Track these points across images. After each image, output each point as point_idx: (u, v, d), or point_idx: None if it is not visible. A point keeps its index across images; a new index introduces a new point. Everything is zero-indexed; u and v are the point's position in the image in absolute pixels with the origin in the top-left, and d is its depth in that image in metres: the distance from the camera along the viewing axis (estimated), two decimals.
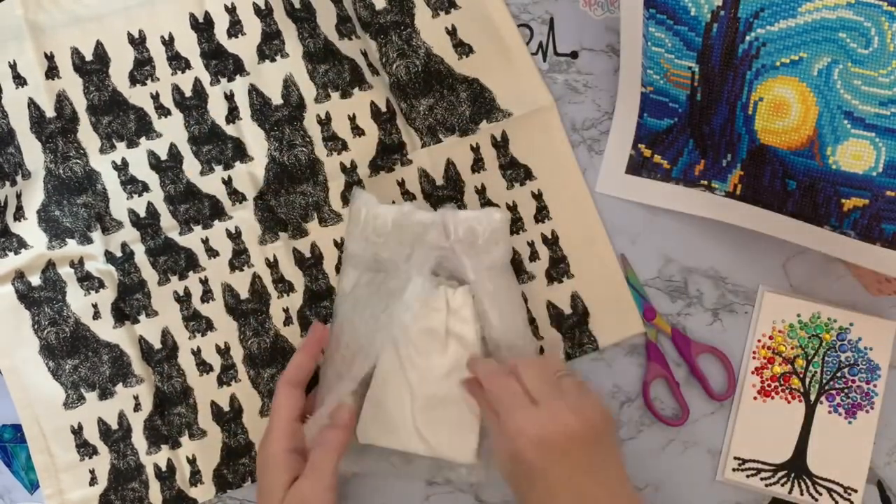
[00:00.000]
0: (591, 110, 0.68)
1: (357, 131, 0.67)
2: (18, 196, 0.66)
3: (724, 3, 0.56)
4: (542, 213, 0.67)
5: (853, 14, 0.53)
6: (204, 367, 0.66)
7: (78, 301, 0.65)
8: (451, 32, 0.68)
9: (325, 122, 0.67)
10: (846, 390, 0.65)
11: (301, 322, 0.66)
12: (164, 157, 0.67)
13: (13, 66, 0.67)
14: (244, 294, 0.66)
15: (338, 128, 0.67)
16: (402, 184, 0.67)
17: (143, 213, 0.66)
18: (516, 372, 0.54)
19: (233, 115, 0.67)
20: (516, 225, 0.67)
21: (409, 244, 0.60)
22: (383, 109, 0.68)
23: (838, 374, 0.66)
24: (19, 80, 0.67)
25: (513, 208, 0.67)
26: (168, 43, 0.68)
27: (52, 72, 0.67)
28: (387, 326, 0.58)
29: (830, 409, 0.65)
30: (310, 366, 0.58)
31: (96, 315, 0.66)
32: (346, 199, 0.67)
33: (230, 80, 0.67)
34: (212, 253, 0.66)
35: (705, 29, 0.58)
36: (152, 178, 0.67)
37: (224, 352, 0.66)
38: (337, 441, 0.54)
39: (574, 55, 0.69)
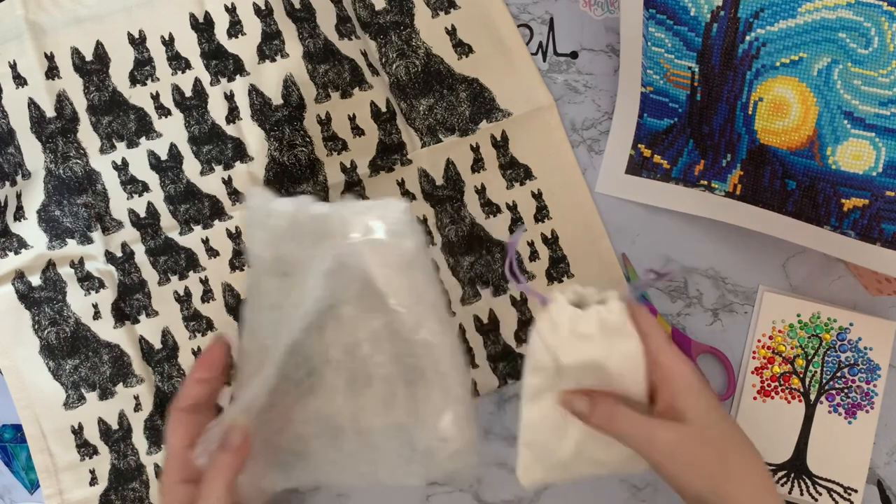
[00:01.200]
0: (591, 110, 0.68)
1: (357, 131, 0.67)
2: (18, 196, 0.66)
3: (724, 3, 0.56)
4: (542, 213, 0.67)
5: (853, 14, 0.53)
6: None
7: (78, 301, 0.66)
8: (451, 32, 0.68)
9: (325, 122, 0.67)
10: (846, 390, 0.65)
11: None
12: (164, 157, 0.67)
13: (13, 66, 0.67)
14: (244, 294, 0.66)
15: (338, 128, 0.67)
16: (402, 184, 0.67)
17: (143, 213, 0.66)
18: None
19: (233, 115, 0.67)
20: (516, 225, 0.67)
21: (308, 242, 0.52)
22: (383, 109, 0.68)
23: (838, 374, 0.66)
24: (19, 80, 0.67)
25: (513, 208, 0.67)
26: (168, 43, 0.68)
27: (52, 72, 0.67)
28: (280, 338, 0.50)
29: (830, 409, 0.65)
30: (201, 388, 0.51)
31: (96, 315, 0.66)
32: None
33: (230, 80, 0.68)
34: (212, 253, 0.66)
35: (705, 29, 0.58)
36: (152, 178, 0.67)
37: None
38: (226, 467, 0.48)
39: (574, 55, 0.69)
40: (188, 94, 0.67)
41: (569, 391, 0.50)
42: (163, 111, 0.67)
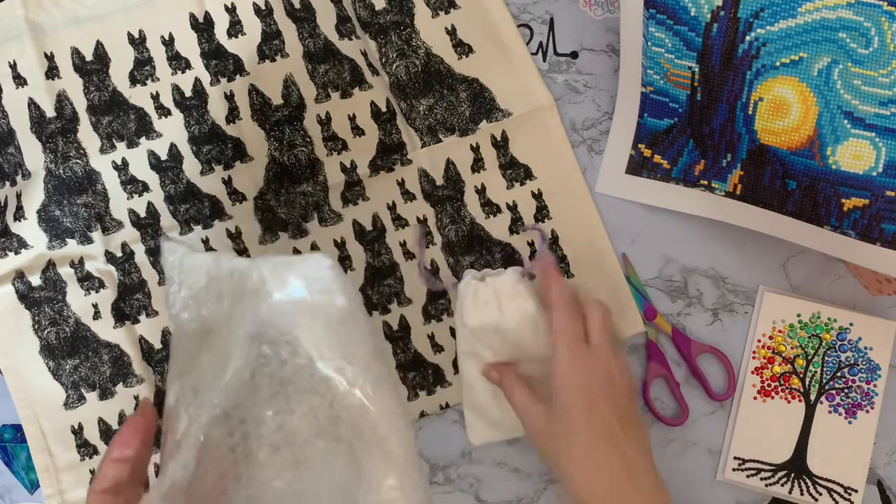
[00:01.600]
0: (591, 110, 0.68)
1: (357, 131, 0.67)
2: (18, 196, 0.66)
3: (724, 3, 0.56)
4: (542, 213, 0.67)
5: (853, 14, 0.53)
6: None
7: (78, 301, 0.65)
8: (451, 32, 0.68)
9: (325, 122, 0.67)
10: (846, 390, 0.65)
11: None
12: (164, 156, 0.67)
13: (13, 66, 0.67)
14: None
15: (338, 128, 0.67)
16: (402, 184, 0.67)
17: (143, 213, 0.66)
18: (585, 311, 0.56)
19: (233, 115, 0.67)
20: (516, 225, 0.67)
21: (228, 301, 0.48)
22: (383, 109, 0.68)
23: (838, 374, 0.66)
24: (19, 80, 0.67)
25: (513, 208, 0.67)
26: (168, 43, 0.68)
27: (52, 72, 0.67)
28: (202, 410, 0.46)
29: (830, 409, 0.65)
30: (120, 468, 0.47)
31: (96, 315, 0.66)
32: (346, 199, 0.67)
33: (230, 80, 0.68)
34: None
35: (705, 29, 0.58)
36: (152, 178, 0.67)
37: None
38: None
39: (574, 55, 0.69)
40: (188, 94, 0.67)
41: (487, 364, 0.59)
42: (163, 111, 0.67)
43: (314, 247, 0.66)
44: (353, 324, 0.48)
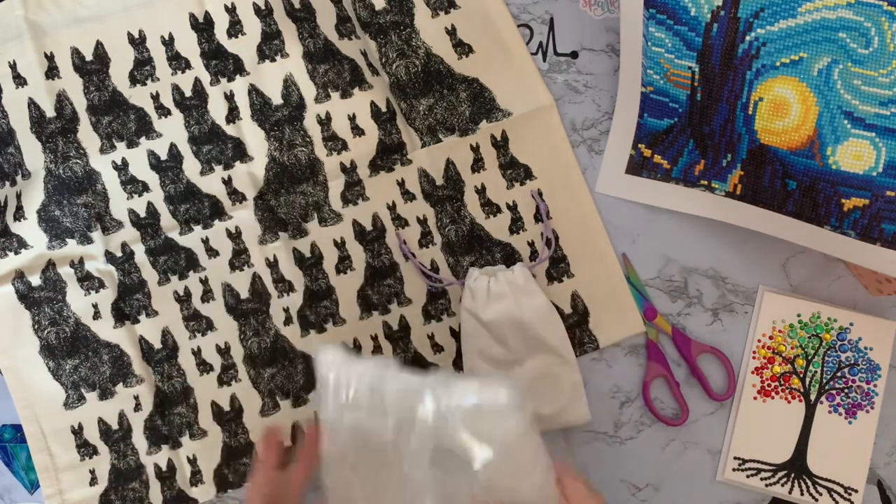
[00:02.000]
0: (591, 110, 0.68)
1: (357, 131, 0.67)
2: (18, 196, 0.66)
3: (724, 3, 0.56)
4: (541, 213, 0.67)
5: (853, 14, 0.53)
6: (204, 366, 0.66)
7: (78, 301, 0.66)
8: (451, 32, 0.68)
9: (325, 122, 0.67)
10: (846, 390, 0.65)
11: (301, 322, 0.66)
12: (164, 157, 0.67)
13: (13, 66, 0.67)
14: (244, 294, 0.66)
15: (338, 128, 0.67)
16: (402, 183, 0.67)
17: (143, 213, 0.66)
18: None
19: (233, 115, 0.67)
20: (516, 225, 0.67)
21: (392, 415, 0.48)
22: (383, 109, 0.68)
23: (838, 374, 0.66)
24: (19, 80, 0.67)
25: (513, 208, 0.67)
26: (168, 43, 0.68)
27: (52, 72, 0.67)
28: None
29: (830, 409, 0.65)
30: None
31: (96, 315, 0.66)
32: (346, 199, 0.67)
33: (230, 80, 0.68)
34: (212, 253, 0.66)
35: (705, 29, 0.58)
36: (152, 178, 0.67)
37: (224, 351, 0.66)
38: None
39: (574, 55, 0.69)
40: (188, 94, 0.67)
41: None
42: (163, 111, 0.67)
43: (314, 247, 0.66)
44: (527, 441, 0.48)
